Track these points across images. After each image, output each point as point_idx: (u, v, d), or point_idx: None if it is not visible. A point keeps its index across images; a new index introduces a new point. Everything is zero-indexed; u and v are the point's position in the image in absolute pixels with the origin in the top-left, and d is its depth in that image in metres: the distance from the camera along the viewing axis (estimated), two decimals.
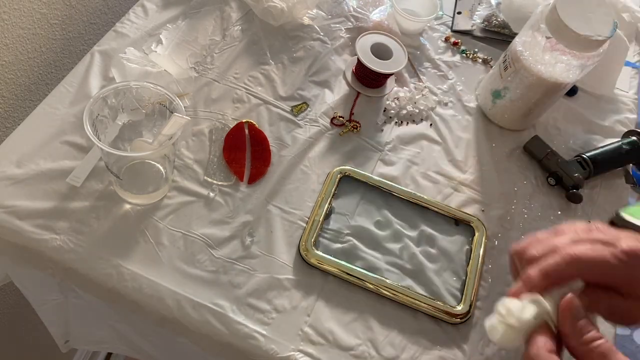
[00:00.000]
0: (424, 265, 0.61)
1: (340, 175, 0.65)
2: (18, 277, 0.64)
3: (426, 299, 0.58)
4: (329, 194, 0.63)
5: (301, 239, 0.60)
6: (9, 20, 0.64)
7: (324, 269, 0.58)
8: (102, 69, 0.68)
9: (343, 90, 0.75)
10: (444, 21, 0.89)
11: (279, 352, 0.53)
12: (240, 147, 0.65)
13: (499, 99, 0.74)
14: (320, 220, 0.61)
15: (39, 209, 0.56)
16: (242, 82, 0.72)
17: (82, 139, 0.62)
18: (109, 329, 0.69)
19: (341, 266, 0.58)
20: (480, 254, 0.62)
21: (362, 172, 0.66)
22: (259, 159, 0.65)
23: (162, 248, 0.57)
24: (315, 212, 0.61)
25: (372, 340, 0.56)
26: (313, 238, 0.59)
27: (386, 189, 0.65)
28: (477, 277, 0.61)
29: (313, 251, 0.58)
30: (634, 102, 0.85)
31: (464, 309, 0.58)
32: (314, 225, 0.60)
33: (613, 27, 0.63)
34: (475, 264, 0.62)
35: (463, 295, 0.59)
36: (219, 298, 0.55)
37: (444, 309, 0.58)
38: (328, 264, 0.58)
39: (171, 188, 0.61)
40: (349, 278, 0.58)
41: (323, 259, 0.58)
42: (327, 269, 0.58)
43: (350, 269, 0.58)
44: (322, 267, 0.58)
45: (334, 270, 0.58)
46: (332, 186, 0.64)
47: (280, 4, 0.76)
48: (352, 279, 0.58)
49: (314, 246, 0.59)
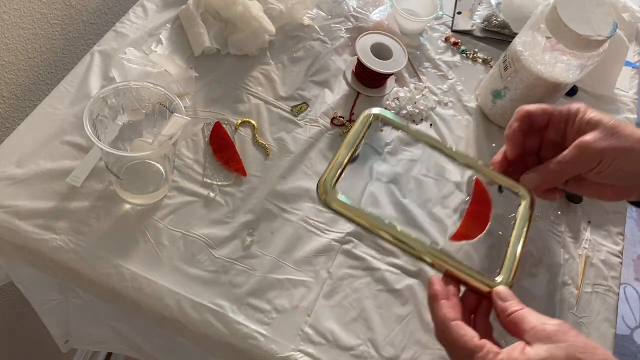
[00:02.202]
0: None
1: (373, 119, 0.56)
2: (18, 277, 0.64)
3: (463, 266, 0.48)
4: (358, 135, 0.54)
5: (319, 181, 0.51)
6: (9, 20, 0.64)
7: (347, 216, 0.50)
8: (102, 69, 0.68)
9: (343, 90, 0.75)
10: (444, 21, 0.89)
11: (279, 352, 0.53)
12: (228, 145, 0.65)
13: (499, 99, 0.74)
14: (344, 162, 0.52)
15: (39, 209, 0.56)
16: (242, 82, 0.72)
17: (82, 139, 0.62)
18: (109, 328, 0.69)
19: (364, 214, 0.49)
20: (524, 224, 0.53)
21: (396, 120, 0.57)
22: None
23: (162, 248, 0.57)
24: (340, 152, 0.53)
25: (372, 340, 0.56)
26: (334, 179, 0.51)
27: (427, 142, 0.57)
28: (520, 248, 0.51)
29: (333, 194, 0.50)
30: (634, 102, 0.85)
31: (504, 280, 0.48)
32: (336, 166, 0.51)
33: (613, 27, 0.63)
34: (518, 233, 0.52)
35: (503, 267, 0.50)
36: (219, 298, 0.55)
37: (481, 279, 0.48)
38: (350, 211, 0.50)
39: (171, 188, 0.61)
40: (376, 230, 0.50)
41: (345, 205, 0.50)
42: (350, 216, 0.50)
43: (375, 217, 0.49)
44: (344, 214, 0.50)
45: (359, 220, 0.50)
46: (362, 129, 0.55)
47: (279, 6, 0.76)
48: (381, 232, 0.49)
49: (333, 189, 0.50)
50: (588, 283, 0.65)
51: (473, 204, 0.57)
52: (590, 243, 0.68)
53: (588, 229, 0.69)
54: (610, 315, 0.63)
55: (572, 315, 0.62)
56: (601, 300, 0.64)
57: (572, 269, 0.65)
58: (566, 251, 0.67)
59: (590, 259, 0.67)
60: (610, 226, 0.70)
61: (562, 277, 0.64)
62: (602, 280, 0.65)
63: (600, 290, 0.65)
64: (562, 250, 0.67)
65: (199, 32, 0.72)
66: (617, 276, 0.66)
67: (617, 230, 0.70)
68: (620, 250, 0.68)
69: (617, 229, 0.70)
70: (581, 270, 0.65)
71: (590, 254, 0.67)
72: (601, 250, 0.68)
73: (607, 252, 0.68)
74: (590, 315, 0.62)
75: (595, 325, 0.62)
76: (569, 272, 0.65)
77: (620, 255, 0.68)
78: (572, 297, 0.63)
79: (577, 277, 0.65)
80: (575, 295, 0.63)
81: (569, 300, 0.63)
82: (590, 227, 0.70)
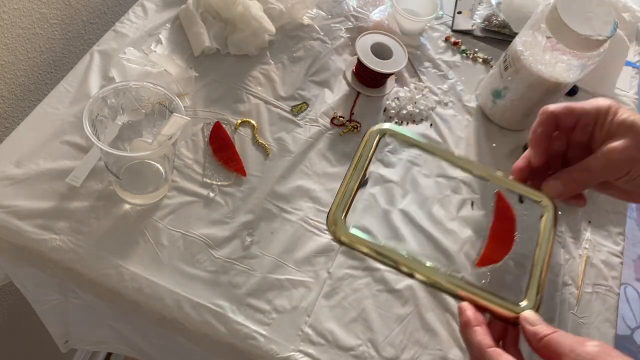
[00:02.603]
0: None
1: (380, 136, 0.53)
2: (18, 277, 0.64)
3: (480, 291, 0.46)
4: (367, 156, 0.51)
5: (329, 212, 0.48)
6: (9, 20, 0.64)
7: (356, 248, 0.47)
8: (102, 68, 0.68)
9: (343, 90, 0.75)
10: (444, 21, 0.89)
11: (278, 353, 0.53)
12: (227, 145, 0.65)
13: (499, 99, 0.74)
14: (354, 189, 0.49)
15: (38, 209, 0.56)
16: (242, 82, 0.72)
17: (82, 139, 0.62)
18: (108, 329, 0.69)
19: (377, 246, 0.47)
20: (548, 239, 0.50)
21: (409, 135, 0.54)
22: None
23: (161, 248, 0.57)
24: (349, 177, 0.49)
25: (372, 340, 0.56)
26: (344, 209, 0.47)
27: (439, 155, 0.53)
28: (544, 268, 0.48)
29: (343, 226, 0.47)
30: (634, 102, 0.85)
31: (529, 305, 0.46)
32: (347, 194, 0.48)
33: (613, 27, 0.63)
34: (543, 252, 0.49)
35: (528, 290, 0.47)
36: (219, 298, 0.55)
37: (506, 305, 0.45)
38: (360, 242, 0.47)
39: (171, 188, 0.61)
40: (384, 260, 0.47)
41: (355, 237, 0.47)
42: (359, 247, 0.47)
43: (389, 249, 0.47)
44: (353, 246, 0.47)
45: (366, 250, 0.47)
46: (370, 149, 0.51)
47: (278, 5, 0.76)
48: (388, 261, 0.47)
49: (344, 219, 0.47)
50: (588, 283, 0.65)
51: (496, 222, 0.52)
52: (590, 243, 0.68)
53: (588, 229, 0.69)
54: (610, 315, 0.63)
55: (572, 315, 0.62)
56: (601, 301, 0.64)
57: (573, 269, 0.65)
58: (566, 251, 0.66)
59: (591, 259, 0.67)
60: (610, 226, 0.70)
61: (563, 278, 0.64)
62: (602, 281, 0.65)
63: (601, 291, 0.64)
64: (563, 250, 0.66)
65: (199, 32, 0.72)
66: (618, 276, 0.66)
67: (618, 230, 0.70)
68: (620, 250, 0.68)
69: (617, 229, 0.70)
70: (581, 270, 0.65)
71: (591, 254, 0.67)
72: (601, 250, 0.68)
73: (608, 252, 0.68)
74: (591, 316, 0.62)
75: (596, 326, 0.62)
76: (569, 273, 0.65)
77: (620, 255, 0.68)
78: (573, 298, 0.63)
79: (578, 277, 0.65)
80: (576, 295, 0.63)
81: (569, 301, 0.63)
82: (590, 227, 0.69)
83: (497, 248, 0.51)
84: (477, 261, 0.51)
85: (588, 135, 0.50)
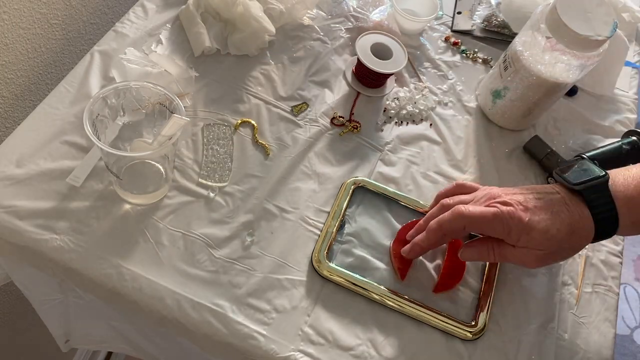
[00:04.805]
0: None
1: (354, 187, 0.65)
2: (18, 277, 0.64)
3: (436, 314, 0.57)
4: (342, 206, 0.63)
5: (314, 251, 0.59)
6: (9, 20, 0.64)
7: (335, 281, 0.58)
8: (102, 69, 0.68)
9: (343, 90, 0.75)
10: (444, 21, 0.89)
11: (278, 352, 0.53)
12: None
13: (499, 99, 0.74)
14: (334, 232, 0.60)
15: (39, 209, 0.56)
16: (242, 82, 0.72)
17: (82, 139, 0.62)
18: (109, 328, 0.69)
19: (352, 278, 0.58)
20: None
21: (378, 184, 0.65)
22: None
23: (162, 248, 0.57)
24: (329, 223, 0.61)
25: (372, 340, 0.56)
26: (326, 250, 0.59)
27: (403, 202, 0.65)
28: (493, 288, 0.60)
29: (326, 263, 0.58)
30: (634, 102, 0.85)
31: (480, 325, 0.58)
32: (327, 237, 0.60)
33: (613, 27, 0.63)
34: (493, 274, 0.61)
35: (478, 310, 0.59)
36: (219, 298, 0.55)
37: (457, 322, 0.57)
38: (339, 275, 0.58)
39: (171, 188, 0.61)
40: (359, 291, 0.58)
41: (335, 270, 0.58)
42: (338, 280, 0.58)
43: (362, 281, 0.58)
44: (333, 279, 0.58)
45: (343, 282, 0.58)
46: (346, 197, 0.63)
47: (279, 6, 0.76)
48: (362, 290, 0.58)
49: (326, 258, 0.59)
50: (588, 283, 0.65)
51: (449, 257, 0.61)
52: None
53: None
54: (610, 315, 0.63)
55: (572, 315, 0.62)
56: (601, 300, 0.64)
57: (572, 269, 0.65)
58: None
59: (590, 259, 0.67)
60: None
61: (562, 277, 0.64)
62: (602, 280, 0.65)
63: (600, 290, 0.65)
64: None
65: (199, 32, 0.72)
66: (617, 276, 0.66)
67: None
68: (620, 250, 0.68)
69: None
70: (581, 270, 0.65)
71: (590, 254, 0.67)
72: (601, 250, 0.68)
73: (607, 252, 0.68)
74: (590, 315, 0.62)
75: (596, 325, 0.62)
76: (568, 272, 0.65)
77: (620, 255, 0.68)
78: (572, 297, 0.63)
79: (577, 277, 0.65)
80: (575, 295, 0.63)
81: (569, 300, 0.63)
82: None
83: (450, 278, 0.60)
84: (434, 289, 0.60)
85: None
